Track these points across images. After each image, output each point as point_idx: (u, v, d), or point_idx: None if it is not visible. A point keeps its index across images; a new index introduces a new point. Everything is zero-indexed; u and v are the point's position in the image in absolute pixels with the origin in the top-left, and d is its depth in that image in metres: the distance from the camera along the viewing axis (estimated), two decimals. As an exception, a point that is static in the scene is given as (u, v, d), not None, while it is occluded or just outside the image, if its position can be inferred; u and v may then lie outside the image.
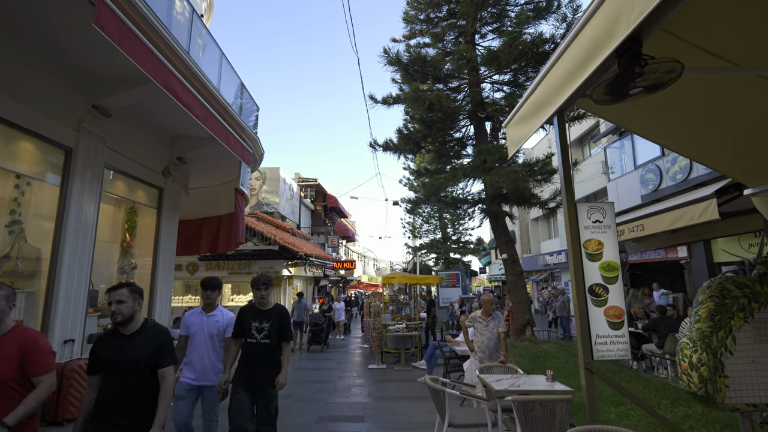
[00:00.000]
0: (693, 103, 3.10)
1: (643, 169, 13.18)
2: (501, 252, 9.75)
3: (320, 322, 10.83)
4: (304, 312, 11.39)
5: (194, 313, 3.81)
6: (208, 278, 3.89)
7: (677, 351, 3.17)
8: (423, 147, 10.93)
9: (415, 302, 9.90)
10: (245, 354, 3.40)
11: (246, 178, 9.27)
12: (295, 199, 21.82)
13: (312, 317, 11.11)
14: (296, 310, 11.33)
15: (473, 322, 5.12)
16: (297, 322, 11.26)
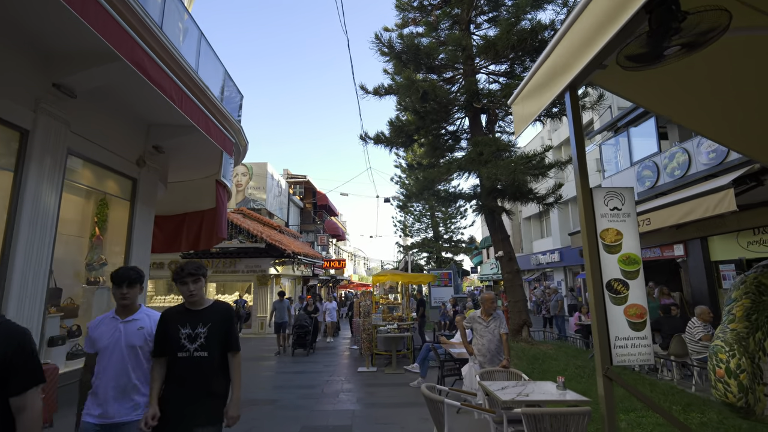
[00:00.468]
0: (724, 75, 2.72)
1: (639, 165, 12.95)
2: (496, 249, 9.38)
3: (306, 324, 10.07)
4: (286, 312, 10.61)
5: (104, 320, 2.50)
6: (123, 269, 2.59)
7: (709, 355, 2.79)
8: (416, 140, 10.52)
9: (407, 302, 9.46)
10: (172, 377, 2.37)
11: (228, 170, 8.76)
12: (284, 196, 21.27)
13: (297, 319, 10.33)
14: (277, 310, 10.65)
15: (472, 323, 4.71)
16: (279, 323, 10.59)
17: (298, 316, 10.35)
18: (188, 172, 9.88)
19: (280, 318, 10.54)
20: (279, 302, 10.67)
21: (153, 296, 16.76)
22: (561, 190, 8.91)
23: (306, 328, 10.06)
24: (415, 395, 6.39)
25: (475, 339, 4.69)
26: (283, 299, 10.71)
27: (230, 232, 15.35)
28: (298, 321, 10.16)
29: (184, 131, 7.72)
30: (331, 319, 12.45)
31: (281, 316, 10.52)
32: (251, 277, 15.84)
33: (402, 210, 26.42)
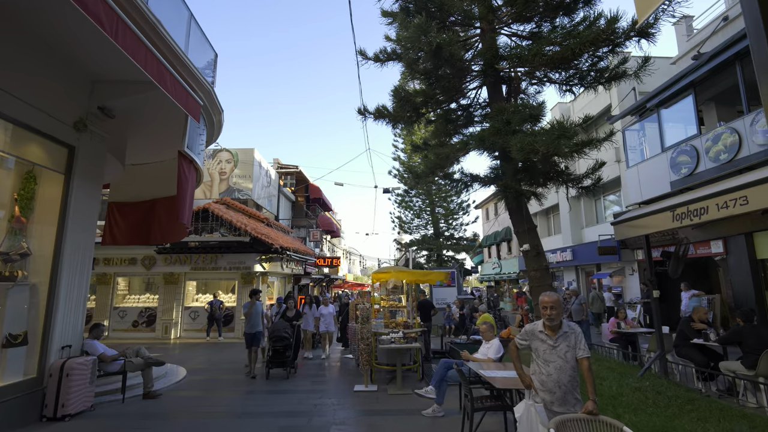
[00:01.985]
0: None
1: (673, 150, 11.47)
2: (521, 242, 7.84)
3: (285, 335, 7.54)
4: (260, 318, 8.02)
5: None
6: None
7: None
8: (423, 114, 8.95)
9: (414, 305, 7.91)
10: None
11: (196, 142, 7.13)
12: (273, 187, 19.65)
13: (273, 328, 7.80)
14: (250, 316, 7.96)
15: (530, 339, 3.15)
16: (251, 334, 7.87)
17: (275, 326, 7.84)
18: (152, 148, 8.22)
19: (252, 327, 7.90)
20: (250, 305, 7.99)
21: (126, 295, 15.07)
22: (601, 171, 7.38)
23: (286, 340, 7.56)
24: (432, 428, 4.82)
25: (534, 365, 3.12)
26: (257, 301, 8.08)
27: (211, 224, 13.70)
28: (275, 332, 7.60)
29: (136, 89, 6.09)
30: (327, 328, 9.77)
31: (254, 324, 7.92)
32: (235, 275, 14.20)
33: (401, 205, 24.91)
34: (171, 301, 14.15)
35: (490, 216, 30.55)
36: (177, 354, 11.05)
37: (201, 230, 13.71)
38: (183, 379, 7.77)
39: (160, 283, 14.43)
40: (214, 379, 7.70)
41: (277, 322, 8.05)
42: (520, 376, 3.20)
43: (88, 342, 6.01)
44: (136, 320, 14.43)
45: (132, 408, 5.82)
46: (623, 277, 15.74)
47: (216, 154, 17.36)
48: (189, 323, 14.28)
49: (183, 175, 6.43)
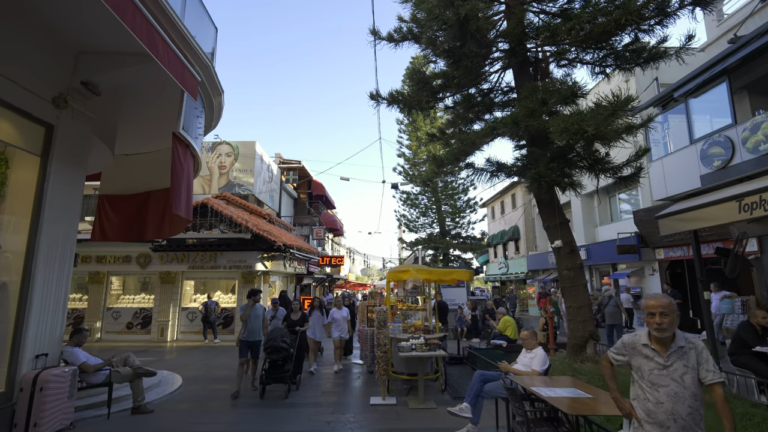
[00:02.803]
0: None
1: (704, 142, 10.73)
2: (552, 238, 7.10)
3: (283, 345, 6.27)
4: (260, 323, 6.72)
5: None
6: None
7: None
8: (441, 99, 8.22)
9: (435, 307, 7.12)
10: None
11: (193, 123, 6.37)
12: (275, 182, 18.88)
13: (269, 336, 6.43)
14: (249, 320, 6.64)
15: (629, 355, 2.41)
16: (248, 342, 6.59)
17: (272, 333, 6.51)
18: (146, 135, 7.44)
19: (250, 334, 6.60)
20: (248, 307, 6.66)
21: (120, 295, 14.31)
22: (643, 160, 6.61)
23: (284, 351, 6.29)
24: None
25: (636, 388, 2.38)
26: (256, 303, 6.79)
27: (210, 220, 12.95)
28: (272, 340, 6.33)
29: (125, 61, 5.35)
30: (341, 334, 8.13)
31: (252, 331, 6.62)
32: (235, 274, 13.45)
33: (405, 203, 24.18)
34: (167, 302, 13.39)
35: (496, 215, 29.82)
36: (173, 359, 10.30)
37: (199, 227, 12.95)
38: (178, 389, 7.03)
39: (156, 283, 13.67)
40: (212, 389, 6.95)
41: (275, 329, 6.68)
42: (617, 401, 2.45)
43: (68, 350, 5.26)
44: (131, 322, 13.67)
45: (118, 426, 5.08)
46: (641, 278, 15.01)
47: (215, 147, 16.61)
48: (186, 325, 13.52)
49: (178, 160, 5.67)
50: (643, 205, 14.98)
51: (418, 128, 23.74)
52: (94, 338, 13.25)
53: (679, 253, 13.15)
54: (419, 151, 23.61)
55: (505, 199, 28.53)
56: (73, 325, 13.81)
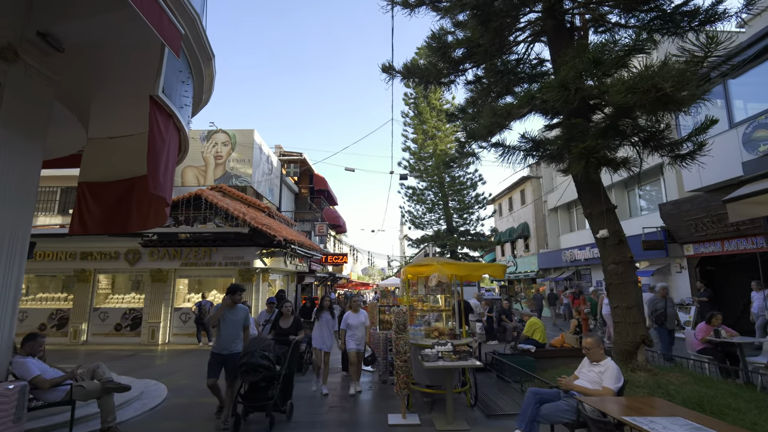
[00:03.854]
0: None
1: (748, 125, 9.77)
2: (596, 227, 6.11)
3: (264, 363, 4.56)
4: (239, 331, 5.12)
5: None
6: None
7: None
8: (464, 71, 7.23)
9: (461, 309, 6.11)
10: None
11: (177, 90, 5.34)
12: (275, 176, 17.87)
13: (248, 349, 4.72)
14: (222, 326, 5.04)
15: None
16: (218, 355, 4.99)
17: (251, 344, 4.81)
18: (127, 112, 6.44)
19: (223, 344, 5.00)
20: (222, 307, 5.10)
21: (109, 295, 13.32)
22: (706, 134, 5.59)
23: (265, 370, 4.57)
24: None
25: None
26: (237, 304, 5.20)
27: (204, 212, 11.96)
28: (247, 356, 4.62)
29: (91, 5, 4.38)
30: (358, 346, 6.28)
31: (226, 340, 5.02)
32: (231, 272, 12.46)
33: (411, 199, 23.20)
34: (158, 302, 12.41)
35: (504, 211, 28.83)
36: (162, 364, 9.31)
37: (192, 220, 11.97)
38: (162, 402, 6.04)
39: (147, 281, 12.69)
40: (201, 403, 5.95)
41: (254, 339, 5.04)
42: None
43: (18, 360, 4.25)
44: (119, 323, 12.69)
45: (79, 455, 4.09)
46: (667, 276, 14.01)
47: (211, 136, 15.61)
48: (179, 327, 12.54)
49: (157, 130, 4.65)
50: (669, 197, 13.98)
51: (424, 121, 22.77)
52: (79, 341, 12.28)
53: (712, 248, 12.15)
54: (426, 144, 22.64)
55: (513, 195, 27.54)
56: (57, 327, 12.86)
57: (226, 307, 5.11)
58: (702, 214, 11.75)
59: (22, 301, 13.18)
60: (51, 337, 12.53)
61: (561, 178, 22.92)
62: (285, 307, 6.20)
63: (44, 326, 12.81)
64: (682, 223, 12.60)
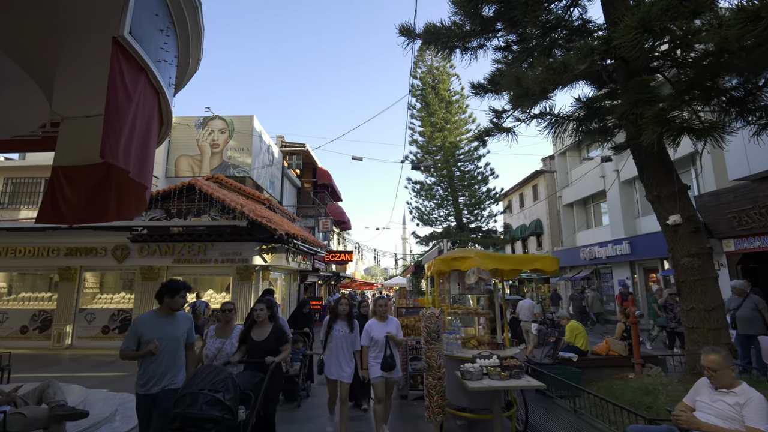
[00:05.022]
0: None
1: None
2: (664, 212, 5.03)
3: (213, 416, 2.64)
4: (180, 352, 3.40)
5: None
6: None
7: None
8: (495, 33, 6.15)
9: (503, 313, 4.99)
10: None
11: (153, 38, 4.22)
12: (276, 168, 16.82)
13: (192, 386, 2.80)
14: (158, 350, 3.18)
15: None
16: (147, 397, 3.18)
17: (198, 377, 2.91)
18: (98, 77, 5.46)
19: (158, 378, 3.22)
20: (165, 323, 3.37)
21: (97, 294, 12.29)
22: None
23: (218, 425, 2.66)
24: None
25: None
26: (176, 312, 3.47)
27: (198, 204, 10.91)
28: (189, 399, 2.71)
29: None
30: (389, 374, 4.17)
31: (157, 375, 3.21)
32: (229, 269, 11.40)
33: (419, 194, 22.09)
34: (149, 302, 11.34)
35: (515, 208, 27.71)
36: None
37: (186, 213, 10.91)
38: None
39: (137, 280, 11.66)
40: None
41: (205, 369, 3.08)
42: None
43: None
44: (107, 325, 11.65)
45: None
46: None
47: (207, 123, 14.55)
48: (172, 329, 11.48)
49: (120, 80, 3.55)
50: (705, 188, 12.86)
51: (433, 113, 21.69)
52: (63, 345, 11.25)
53: (757, 243, 11.02)
54: (434, 137, 21.54)
55: (524, 191, 26.43)
56: (40, 329, 11.83)
57: (158, 317, 3.37)
58: (748, 206, 10.62)
59: (3, 301, 12.19)
60: (33, 341, 11.53)
61: (577, 172, 21.84)
62: (257, 312, 3.93)
63: (26, 328, 11.79)
64: (723, 216, 11.48)
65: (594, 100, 5.02)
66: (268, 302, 4.07)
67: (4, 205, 13.63)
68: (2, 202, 13.66)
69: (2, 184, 13.74)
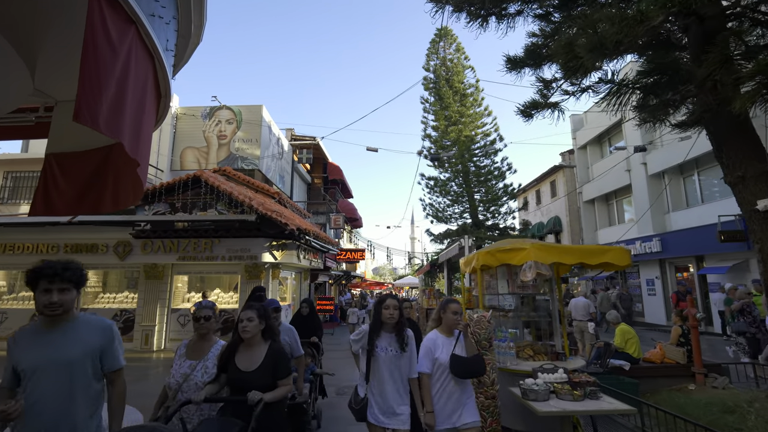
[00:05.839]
0: None
1: None
2: (750, 196, 4.24)
3: None
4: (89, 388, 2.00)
5: None
6: None
7: None
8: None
9: (561, 313, 4.19)
10: None
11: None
12: (286, 161, 16.16)
13: None
14: (33, 384, 1.88)
15: None
16: None
17: None
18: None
19: None
20: (43, 341, 1.95)
21: (99, 294, 11.72)
22: None
23: None
24: None
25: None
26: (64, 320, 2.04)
27: (204, 198, 10.25)
28: None
29: None
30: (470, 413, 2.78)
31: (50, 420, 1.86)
32: (237, 267, 10.73)
33: (433, 191, 21.30)
34: (153, 302, 10.74)
35: (531, 205, 26.77)
36: (152, 378, 7.65)
37: (191, 207, 10.26)
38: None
39: (141, 279, 11.05)
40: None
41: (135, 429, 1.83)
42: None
43: None
44: None
45: None
46: (746, 273, 11.91)
47: (214, 113, 13.91)
48: (177, 330, 10.86)
49: (99, 23, 2.89)
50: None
51: (447, 106, 20.88)
52: (63, 346, 10.65)
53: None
54: (448, 131, 20.72)
55: (542, 188, 25.51)
56: (40, 330, 11.27)
57: (39, 330, 2.01)
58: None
59: (4, 301, 11.67)
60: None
61: (598, 167, 20.85)
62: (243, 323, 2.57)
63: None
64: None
65: (667, 65, 4.20)
66: (261, 309, 2.66)
67: (4, 200, 13.14)
68: (2, 197, 13.16)
69: (2, 178, 13.24)
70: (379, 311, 2.90)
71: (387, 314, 2.87)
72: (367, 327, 2.99)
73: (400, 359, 2.83)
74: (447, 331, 2.95)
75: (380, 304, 2.93)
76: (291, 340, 3.71)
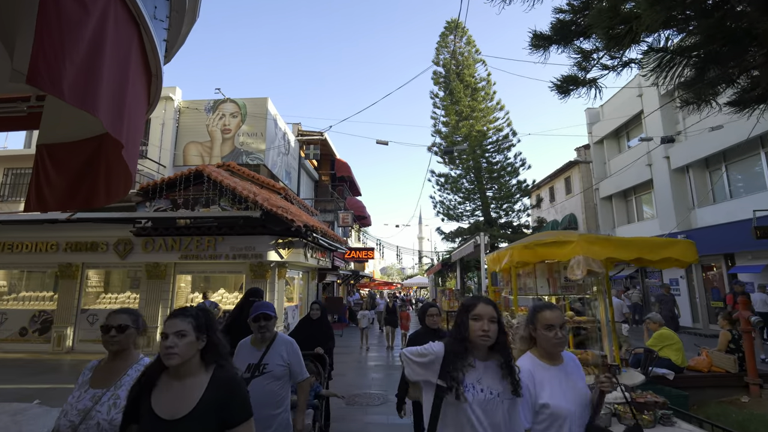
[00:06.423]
0: None
1: None
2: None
3: None
4: None
5: None
6: None
7: None
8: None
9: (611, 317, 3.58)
10: None
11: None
12: (293, 157, 15.67)
13: None
14: None
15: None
16: None
17: None
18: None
19: None
20: None
21: (101, 294, 11.33)
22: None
23: None
24: None
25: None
26: None
27: (207, 193, 9.78)
28: None
29: None
30: None
31: None
32: (241, 266, 10.25)
33: (443, 188, 20.70)
34: (155, 303, 10.31)
35: (544, 203, 26.01)
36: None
37: (193, 203, 9.81)
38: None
39: (143, 279, 10.64)
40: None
41: None
42: None
43: None
44: (111, 327, 10.63)
45: None
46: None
47: (218, 106, 13.47)
48: (180, 332, 10.41)
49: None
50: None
51: (457, 101, 20.27)
52: (63, 349, 10.29)
53: None
54: (459, 126, 20.11)
55: (555, 184, 24.76)
56: (39, 331, 10.91)
57: None
58: None
59: (3, 301, 11.33)
60: (32, 344, 10.61)
61: (616, 163, 20.08)
62: (166, 345, 1.55)
63: (25, 330, 10.88)
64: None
65: (732, 30, 3.56)
66: (198, 315, 1.70)
67: (4, 198, 12.84)
68: (2, 194, 12.86)
69: (2, 175, 12.94)
70: (466, 324, 1.70)
71: (478, 330, 1.65)
72: (437, 345, 1.74)
73: (505, 407, 1.61)
74: (547, 357, 1.87)
75: (466, 312, 1.72)
76: (292, 359, 2.72)
